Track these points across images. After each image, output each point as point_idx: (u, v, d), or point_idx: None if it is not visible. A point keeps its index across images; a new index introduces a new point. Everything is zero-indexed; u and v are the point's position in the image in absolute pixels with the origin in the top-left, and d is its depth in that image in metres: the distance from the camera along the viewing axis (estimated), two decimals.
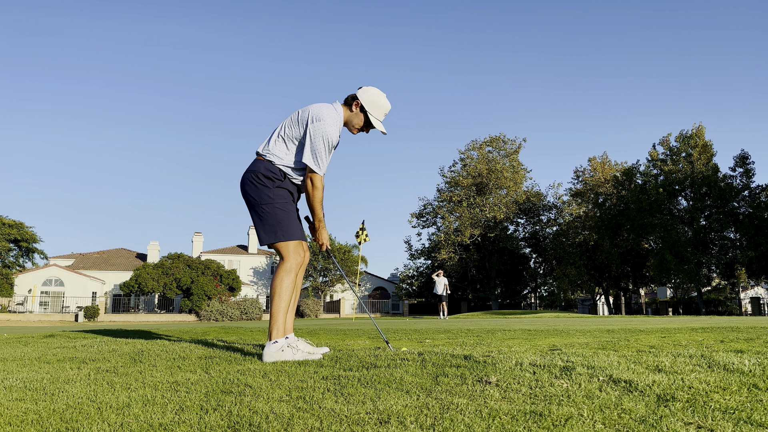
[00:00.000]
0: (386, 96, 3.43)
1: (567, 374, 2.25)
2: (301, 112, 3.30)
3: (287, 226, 3.21)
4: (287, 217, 3.22)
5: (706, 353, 2.82)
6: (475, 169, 51.85)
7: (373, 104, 3.37)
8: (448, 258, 50.15)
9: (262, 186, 3.20)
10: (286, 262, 3.20)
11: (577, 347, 3.43)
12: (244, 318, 37.82)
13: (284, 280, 3.18)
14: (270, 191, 3.20)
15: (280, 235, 3.19)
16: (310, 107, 3.28)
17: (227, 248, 59.63)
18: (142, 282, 38.58)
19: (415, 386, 2.15)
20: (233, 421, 1.75)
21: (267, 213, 3.19)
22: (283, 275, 3.19)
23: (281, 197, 3.23)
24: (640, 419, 1.65)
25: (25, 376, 2.70)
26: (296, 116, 3.29)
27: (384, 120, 3.45)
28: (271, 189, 3.21)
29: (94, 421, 1.79)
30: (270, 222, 3.19)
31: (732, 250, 41.18)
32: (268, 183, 3.21)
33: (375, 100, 3.38)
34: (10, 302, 41.64)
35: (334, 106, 3.34)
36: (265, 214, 3.19)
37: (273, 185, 3.22)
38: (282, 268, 3.21)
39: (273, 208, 3.19)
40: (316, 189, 3.22)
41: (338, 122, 3.30)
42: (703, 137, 41.57)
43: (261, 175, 3.21)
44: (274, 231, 3.19)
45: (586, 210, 49.89)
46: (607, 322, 11.52)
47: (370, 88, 3.41)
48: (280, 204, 3.21)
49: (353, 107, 3.38)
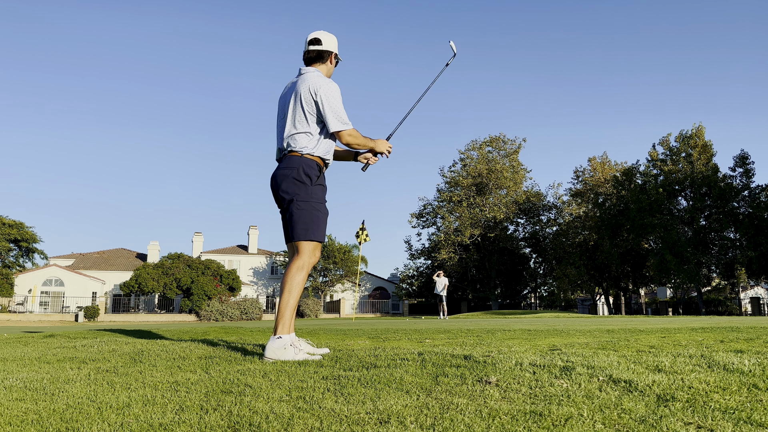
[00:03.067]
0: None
1: (567, 374, 2.25)
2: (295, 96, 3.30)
3: (317, 227, 3.27)
4: (319, 219, 3.29)
5: (706, 353, 2.82)
6: (475, 169, 51.84)
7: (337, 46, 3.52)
8: (448, 258, 50.14)
9: (301, 183, 3.25)
10: (302, 258, 3.24)
11: (577, 347, 3.43)
12: (244, 318, 37.81)
13: (296, 276, 3.20)
14: (308, 189, 3.26)
15: (310, 233, 3.24)
16: (299, 84, 3.31)
17: (227, 248, 59.62)
18: (142, 282, 38.58)
19: (415, 386, 2.15)
20: (233, 421, 1.75)
21: (303, 210, 3.24)
22: (296, 271, 3.21)
23: (318, 198, 3.30)
24: (640, 419, 1.65)
25: (25, 376, 2.69)
26: (294, 100, 3.30)
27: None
28: (309, 187, 3.26)
29: (94, 421, 1.79)
30: (305, 219, 3.24)
31: (732, 250, 41.17)
32: (307, 180, 3.26)
33: (335, 42, 3.51)
34: (10, 302, 41.62)
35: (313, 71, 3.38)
36: (301, 211, 3.24)
37: (311, 183, 3.28)
38: (296, 264, 3.23)
39: (309, 206, 3.25)
40: (355, 137, 3.34)
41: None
42: (703, 137, 41.57)
43: (302, 172, 3.25)
44: (306, 228, 3.24)
45: (586, 210, 49.88)
46: (607, 322, 11.51)
47: (325, 35, 3.47)
48: (315, 204, 3.28)
49: (330, 61, 3.48)
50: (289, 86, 3.48)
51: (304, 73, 3.38)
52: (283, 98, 3.48)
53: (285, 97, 3.45)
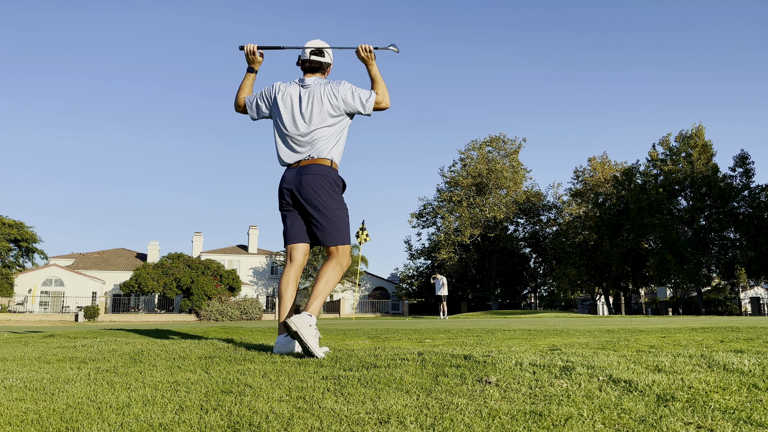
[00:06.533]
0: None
1: (567, 374, 2.25)
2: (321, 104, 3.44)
3: (348, 232, 3.52)
4: (349, 224, 3.53)
5: (705, 353, 2.82)
6: (475, 169, 51.83)
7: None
8: (448, 258, 50.12)
9: (333, 192, 3.43)
10: (343, 259, 3.46)
11: (577, 347, 3.43)
12: (244, 318, 37.82)
13: (335, 271, 3.42)
14: (339, 197, 3.48)
15: (345, 238, 3.48)
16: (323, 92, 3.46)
17: (227, 248, 59.62)
18: (142, 282, 38.58)
19: (415, 386, 2.15)
20: (233, 421, 1.75)
21: (337, 217, 3.43)
22: (339, 270, 3.44)
23: (345, 205, 3.53)
24: (640, 419, 1.65)
25: (25, 376, 2.69)
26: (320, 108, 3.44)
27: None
28: (339, 194, 3.49)
29: (94, 420, 1.79)
30: (340, 226, 3.44)
31: (732, 250, 41.17)
32: (338, 189, 3.47)
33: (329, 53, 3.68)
34: (10, 302, 41.62)
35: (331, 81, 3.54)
36: (335, 218, 3.42)
37: (340, 191, 3.51)
38: (339, 263, 3.44)
39: (342, 213, 3.46)
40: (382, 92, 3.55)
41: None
42: (703, 137, 41.57)
43: (333, 181, 3.43)
44: (342, 234, 3.45)
45: (586, 210, 49.87)
46: (607, 322, 11.51)
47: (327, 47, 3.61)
48: (345, 211, 3.50)
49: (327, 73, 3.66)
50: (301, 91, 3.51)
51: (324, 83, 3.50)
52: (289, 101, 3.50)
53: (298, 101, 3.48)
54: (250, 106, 3.66)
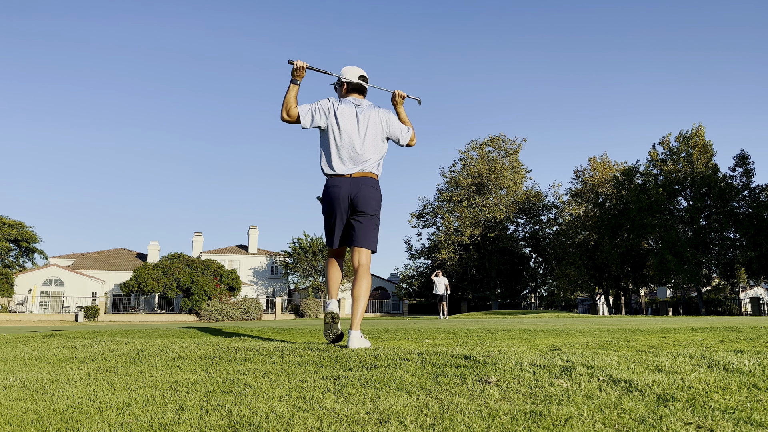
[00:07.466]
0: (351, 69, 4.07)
1: (567, 374, 2.24)
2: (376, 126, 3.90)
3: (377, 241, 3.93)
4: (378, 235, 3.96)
5: (706, 353, 2.82)
6: (475, 169, 51.81)
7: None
8: (448, 258, 50.11)
9: (378, 203, 3.88)
10: (368, 262, 3.85)
11: (577, 347, 3.43)
12: (244, 318, 37.83)
13: (369, 279, 3.83)
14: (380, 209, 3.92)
15: (376, 245, 3.91)
16: (378, 117, 3.93)
17: (227, 248, 59.59)
18: (142, 282, 38.58)
19: (415, 386, 2.15)
20: (233, 420, 1.75)
21: (376, 226, 3.89)
22: (370, 277, 3.85)
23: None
24: (640, 419, 1.65)
25: (25, 376, 2.69)
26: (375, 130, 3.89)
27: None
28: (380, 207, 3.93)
29: (94, 420, 1.79)
30: (376, 233, 3.90)
31: (732, 250, 41.15)
32: (381, 202, 3.92)
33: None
34: (10, 302, 41.61)
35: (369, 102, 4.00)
36: (377, 228, 3.90)
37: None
38: (367, 266, 3.83)
39: (378, 223, 3.91)
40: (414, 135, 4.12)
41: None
42: (703, 137, 41.54)
43: (380, 194, 3.90)
44: (376, 240, 3.89)
45: (586, 210, 49.85)
46: (607, 322, 11.51)
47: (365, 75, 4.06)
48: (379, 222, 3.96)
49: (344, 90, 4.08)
50: (357, 110, 3.91)
51: (376, 107, 3.97)
52: (347, 119, 3.87)
53: (355, 120, 3.87)
54: (304, 116, 3.90)
